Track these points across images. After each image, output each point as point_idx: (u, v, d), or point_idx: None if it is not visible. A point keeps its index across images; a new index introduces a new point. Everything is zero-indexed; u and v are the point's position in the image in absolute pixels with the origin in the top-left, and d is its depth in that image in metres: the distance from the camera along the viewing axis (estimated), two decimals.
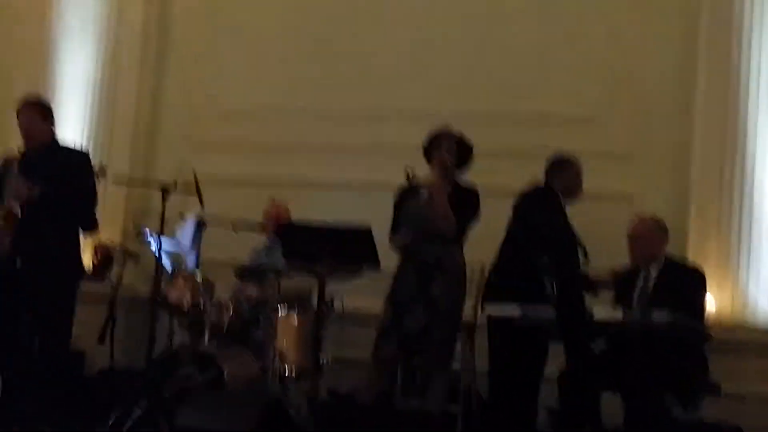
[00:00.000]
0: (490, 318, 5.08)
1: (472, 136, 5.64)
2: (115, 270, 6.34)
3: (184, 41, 7.24)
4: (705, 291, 5.15)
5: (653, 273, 5.21)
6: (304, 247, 5.28)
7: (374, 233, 5.19)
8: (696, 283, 5.12)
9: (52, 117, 5.60)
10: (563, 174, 5.54)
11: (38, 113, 5.53)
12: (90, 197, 5.49)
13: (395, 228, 5.52)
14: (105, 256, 6.47)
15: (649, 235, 5.25)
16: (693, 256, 5.65)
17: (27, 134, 5.49)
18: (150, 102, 7.18)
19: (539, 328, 4.95)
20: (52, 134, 5.55)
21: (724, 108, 5.84)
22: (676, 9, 6.18)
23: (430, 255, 5.33)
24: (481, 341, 5.14)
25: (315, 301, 5.44)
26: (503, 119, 6.43)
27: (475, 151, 5.64)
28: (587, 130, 6.28)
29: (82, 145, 6.49)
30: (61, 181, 5.35)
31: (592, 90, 6.35)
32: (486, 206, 5.67)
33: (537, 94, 6.43)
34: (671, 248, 5.55)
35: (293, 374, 5.51)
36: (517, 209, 5.44)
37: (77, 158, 5.58)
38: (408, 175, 5.40)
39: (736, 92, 5.82)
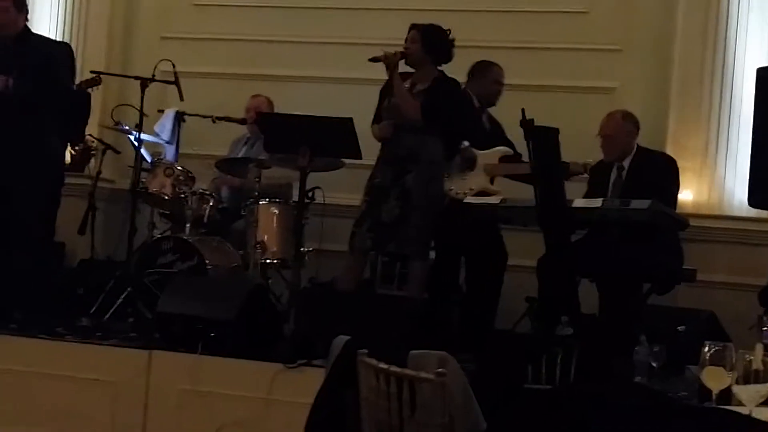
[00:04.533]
0: (469, 205, 5.12)
1: (461, 33, 5.60)
2: (93, 162, 6.32)
3: None
4: (677, 176, 5.27)
5: (626, 164, 5.32)
6: (285, 137, 5.28)
7: (356, 124, 5.21)
8: (667, 169, 5.26)
9: (26, 8, 5.50)
10: (480, 80, 5.64)
11: (12, 3, 5.42)
12: (78, 105, 5.42)
13: (376, 118, 5.50)
14: (84, 149, 6.43)
15: (616, 133, 5.33)
16: (672, 149, 5.70)
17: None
18: None
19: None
20: (25, 25, 5.45)
21: (706, 2, 5.83)
22: None
23: (403, 147, 5.34)
24: None
25: (296, 192, 5.48)
26: (492, 17, 6.39)
27: (465, 48, 5.60)
28: (574, 25, 6.26)
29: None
30: (40, 71, 5.27)
31: None
32: None
33: None
34: (651, 142, 5.63)
35: (274, 264, 5.57)
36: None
37: (57, 49, 5.51)
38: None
39: None
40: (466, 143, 5.44)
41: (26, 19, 5.45)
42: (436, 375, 2.49)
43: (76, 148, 6.39)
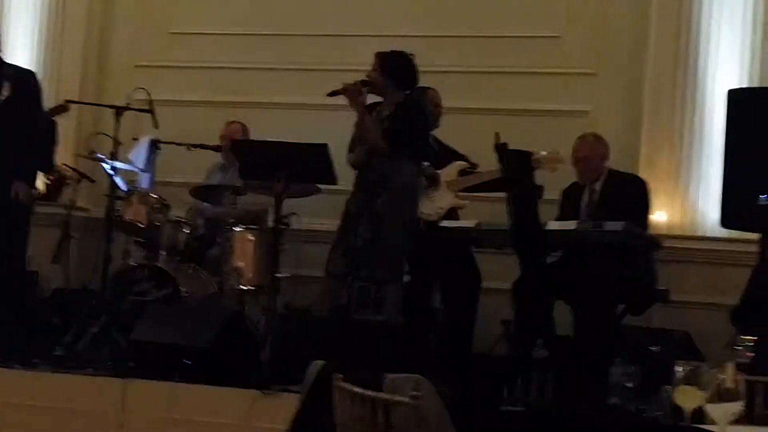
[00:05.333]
0: (444, 229, 5.14)
1: (436, 60, 5.64)
2: (68, 191, 6.30)
3: None
4: (648, 197, 5.33)
5: (598, 187, 5.39)
6: (260, 164, 5.28)
7: (331, 150, 5.23)
8: (638, 190, 5.34)
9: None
10: None
11: None
12: (47, 134, 5.44)
13: (351, 146, 5.52)
14: (58, 178, 6.41)
15: (591, 155, 5.44)
16: (644, 171, 5.76)
17: None
18: (99, 24, 7.05)
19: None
20: None
21: (676, 25, 5.90)
22: None
23: (375, 172, 5.35)
24: None
25: (271, 218, 5.49)
26: (465, 42, 6.44)
27: (439, 74, 5.64)
28: (546, 50, 6.32)
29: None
30: (12, 99, 5.28)
31: (553, 10, 6.35)
32: (454, 129, 5.77)
33: (498, 15, 6.43)
34: (624, 164, 5.69)
35: (250, 290, 5.56)
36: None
37: (26, 77, 5.52)
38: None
39: (689, 9, 5.88)
40: (425, 163, 5.50)
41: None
42: (411, 398, 2.49)
43: (51, 177, 6.36)
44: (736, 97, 4.69)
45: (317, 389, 3.01)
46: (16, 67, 5.74)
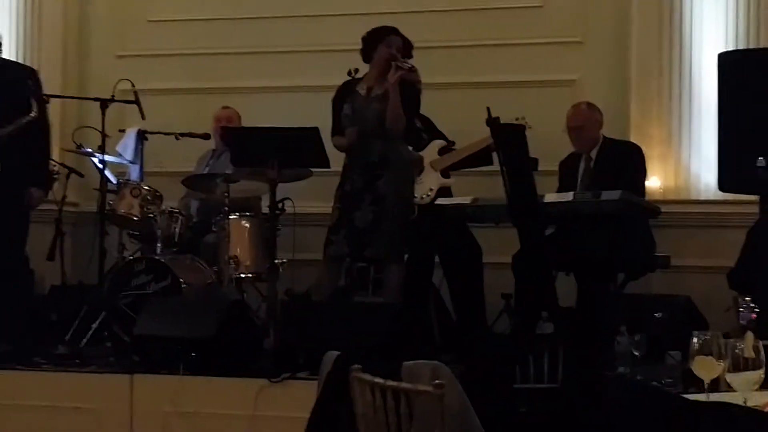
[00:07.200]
0: (440, 207, 5.14)
1: (419, 35, 5.60)
2: (57, 187, 6.24)
3: None
4: (643, 163, 5.35)
5: (593, 155, 5.39)
6: (252, 150, 5.25)
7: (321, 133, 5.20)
8: (634, 157, 5.34)
9: None
10: None
11: None
12: (44, 151, 5.42)
13: (336, 128, 5.47)
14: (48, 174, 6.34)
15: (586, 123, 5.44)
16: (636, 138, 5.76)
17: None
18: (78, 16, 6.97)
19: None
20: None
21: None
22: None
23: (374, 153, 5.33)
24: None
25: (265, 204, 5.46)
26: (447, 16, 6.40)
27: (425, 49, 5.61)
28: (530, 20, 6.29)
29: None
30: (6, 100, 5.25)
31: None
32: (441, 105, 5.74)
33: None
34: (615, 131, 5.69)
35: (249, 278, 5.54)
36: None
37: (20, 73, 5.48)
38: (350, 72, 5.37)
39: None
40: (408, 147, 5.48)
41: None
42: (434, 387, 2.49)
43: None
44: (727, 59, 4.68)
45: (334, 380, 3.01)
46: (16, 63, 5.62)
